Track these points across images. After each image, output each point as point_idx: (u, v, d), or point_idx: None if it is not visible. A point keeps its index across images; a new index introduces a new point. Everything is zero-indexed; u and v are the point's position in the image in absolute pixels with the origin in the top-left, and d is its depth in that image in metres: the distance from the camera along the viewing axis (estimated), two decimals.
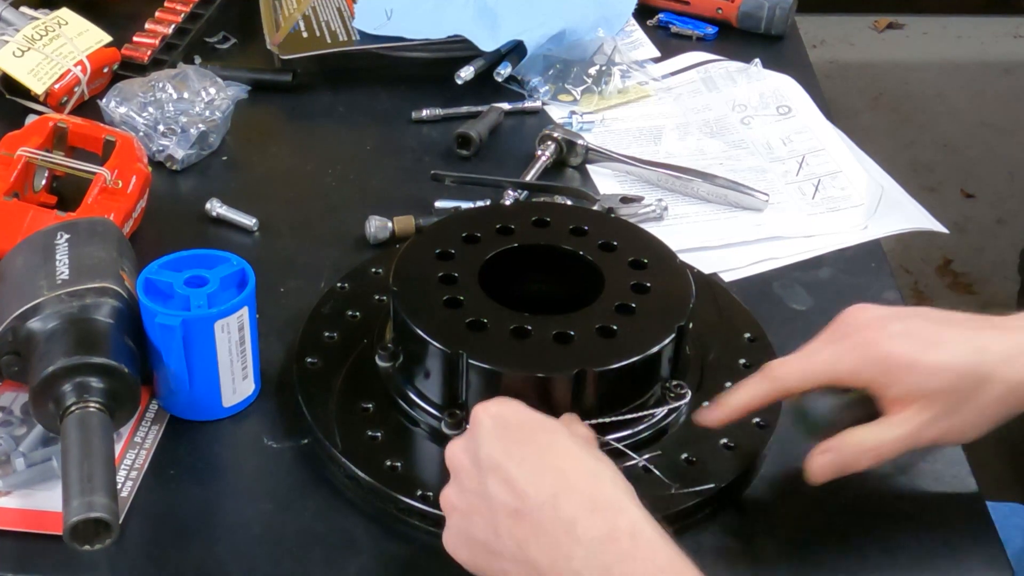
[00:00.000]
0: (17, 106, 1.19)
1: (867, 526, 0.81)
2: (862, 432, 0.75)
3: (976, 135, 2.89)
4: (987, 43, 3.28)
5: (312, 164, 1.19)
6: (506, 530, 0.67)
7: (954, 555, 0.80)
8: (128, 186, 1.03)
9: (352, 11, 1.33)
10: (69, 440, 0.77)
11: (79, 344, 0.81)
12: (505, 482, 0.67)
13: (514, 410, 0.72)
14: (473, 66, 1.26)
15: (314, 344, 0.91)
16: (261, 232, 1.08)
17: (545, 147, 1.17)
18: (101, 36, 1.24)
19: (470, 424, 0.72)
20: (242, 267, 0.86)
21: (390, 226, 1.06)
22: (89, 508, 0.72)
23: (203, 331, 0.83)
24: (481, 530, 0.69)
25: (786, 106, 1.27)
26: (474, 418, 0.71)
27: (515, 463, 0.68)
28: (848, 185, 1.16)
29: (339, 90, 1.30)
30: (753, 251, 1.07)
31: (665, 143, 1.22)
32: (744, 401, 0.79)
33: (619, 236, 0.91)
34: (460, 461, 0.71)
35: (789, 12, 1.41)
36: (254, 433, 0.87)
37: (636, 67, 1.32)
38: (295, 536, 0.79)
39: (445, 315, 0.84)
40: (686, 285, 0.87)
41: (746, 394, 0.79)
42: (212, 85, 1.17)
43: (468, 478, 0.70)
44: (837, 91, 2.94)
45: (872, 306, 0.78)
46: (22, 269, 0.87)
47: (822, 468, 0.76)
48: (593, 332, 0.82)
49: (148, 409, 0.88)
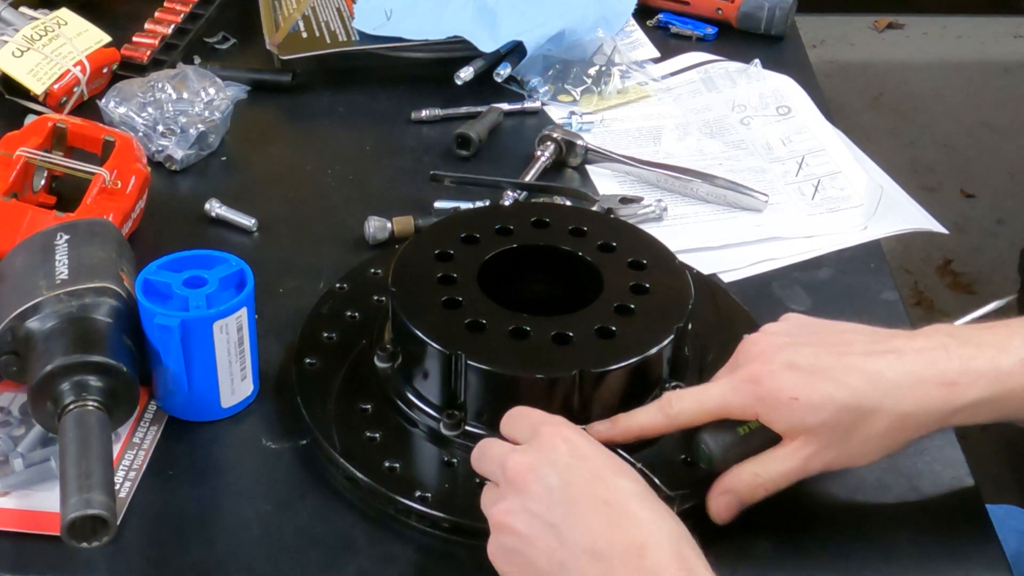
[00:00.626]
0: (16, 106, 1.19)
1: (866, 527, 0.81)
2: (752, 466, 0.77)
3: (976, 135, 2.89)
4: (987, 43, 3.28)
5: (311, 164, 1.19)
6: (578, 569, 0.67)
7: (954, 557, 0.80)
8: (127, 186, 1.03)
9: (352, 11, 1.33)
10: (67, 438, 0.77)
11: (78, 343, 0.81)
12: (587, 524, 0.67)
13: (588, 441, 0.72)
14: (473, 66, 1.26)
15: (313, 345, 0.91)
16: (260, 232, 1.08)
17: (544, 147, 1.17)
18: (100, 36, 1.24)
19: (537, 440, 0.71)
20: (241, 268, 0.86)
21: (389, 226, 1.06)
22: (87, 505, 0.72)
23: (202, 332, 0.83)
24: (546, 561, 0.68)
25: (786, 106, 1.27)
26: (545, 437, 0.71)
27: (596, 504, 0.68)
28: (848, 185, 1.16)
29: (339, 90, 1.30)
30: (752, 252, 1.07)
31: (665, 143, 1.21)
32: (637, 429, 0.80)
33: (618, 237, 0.91)
34: (527, 481, 0.70)
35: (789, 12, 1.41)
36: (253, 434, 0.87)
37: (636, 67, 1.32)
38: (294, 537, 0.79)
39: (444, 316, 0.83)
40: (685, 286, 0.87)
41: (640, 422, 0.80)
42: (211, 85, 1.17)
43: (537, 502, 0.69)
44: (837, 91, 2.94)
45: (769, 334, 0.79)
46: (21, 269, 0.87)
47: (725, 508, 0.78)
48: (592, 333, 0.82)
49: (147, 410, 0.88)
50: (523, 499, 0.70)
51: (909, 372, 0.75)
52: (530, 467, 0.70)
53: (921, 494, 0.84)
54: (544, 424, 0.73)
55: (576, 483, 0.69)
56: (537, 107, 1.26)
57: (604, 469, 0.71)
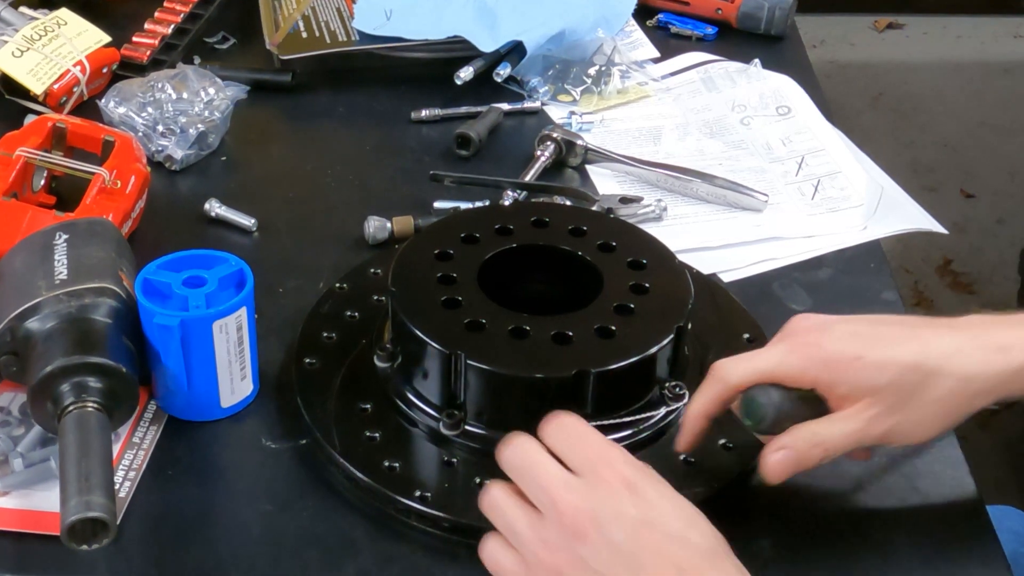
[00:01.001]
0: (16, 106, 1.19)
1: (866, 527, 0.81)
2: (813, 426, 0.75)
3: (976, 135, 2.89)
4: (987, 43, 3.28)
5: (311, 164, 1.19)
6: None
7: (953, 557, 0.80)
8: (127, 186, 1.03)
9: (352, 11, 1.33)
10: (67, 440, 0.77)
11: (77, 344, 0.81)
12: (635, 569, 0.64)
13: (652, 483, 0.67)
14: (473, 66, 1.26)
15: (313, 344, 0.91)
16: (260, 232, 1.08)
17: (544, 147, 1.17)
18: (100, 36, 1.24)
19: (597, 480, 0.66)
20: (240, 267, 0.86)
21: (389, 226, 1.06)
22: (87, 507, 0.72)
23: (201, 331, 0.83)
24: None
25: (786, 106, 1.27)
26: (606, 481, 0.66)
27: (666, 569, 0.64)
28: (848, 185, 1.16)
29: (339, 90, 1.30)
30: (752, 251, 1.07)
31: (665, 143, 1.21)
32: (698, 408, 0.78)
33: (618, 236, 0.91)
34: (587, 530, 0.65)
35: (789, 12, 1.41)
36: (252, 434, 0.87)
37: (636, 67, 1.32)
38: (293, 536, 0.79)
39: (444, 315, 0.83)
40: (685, 285, 0.87)
41: (698, 401, 0.78)
42: (211, 85, 1.17)
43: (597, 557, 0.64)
44: (837, 91, 2.94)
45: (816, 314, 0.79)
46: (21, 269, 0.87)
47: (778, 465, 0.75)
48: (592, 333, 0.82)
49: (146, 409, 0.88)
50: (580, 549, 0.65)
51: (966, 338, 0.76)
52: (591, 517, 0.65)
53: (921, 494, 0.84)
54: (603, 464, 0.67)
55: (645, 546, 0.64)
56: (537, 107, 1.26)
57: (674, 524, 0.66)
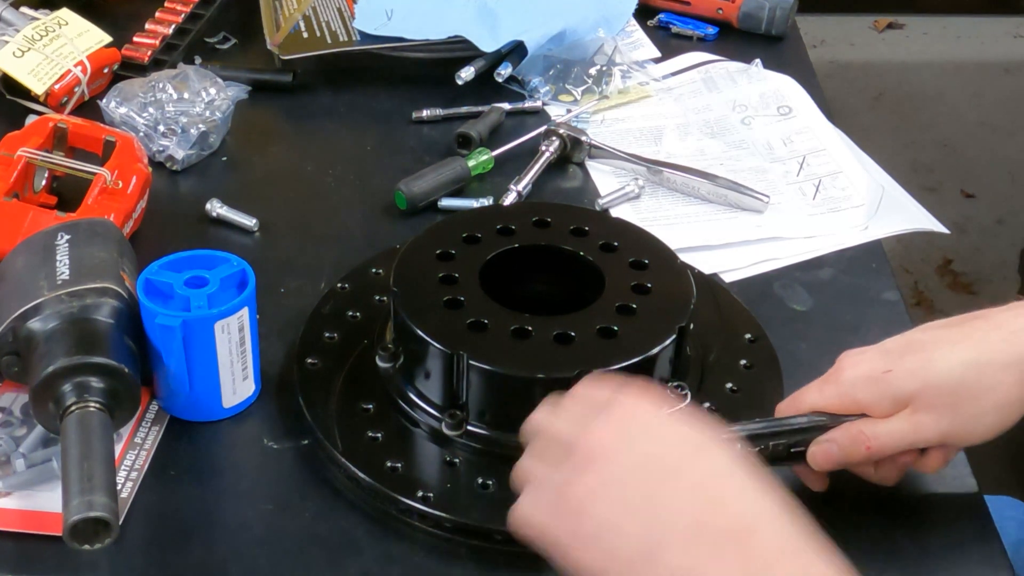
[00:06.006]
0: (17, 106, 1.19)
1: (867, 524, 0.81)
2: (860, 424, 0.76)
3: (976, 135, 2.89)
4: (987, 43, 3.28)
5: (312, 164, 1.19)
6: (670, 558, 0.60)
7: (954, 554, 0.80)
8: (128, 186, 1.03)
9: (352, 11, 1.33)
10: (69, 440, 0.77)
11: (79, 344, 0.81)
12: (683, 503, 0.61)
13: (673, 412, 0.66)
14: (473, 66, 1.26)
15: (314, 345, 0.91)
16: (261, 232, 1.08)
17: (549, 143, 1.17)
18: (101, 36, 1.24)
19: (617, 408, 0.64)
20: (242, 267, 0.86)
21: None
22: (89, 507, 0.72)
23: (203, 332, 0.83)
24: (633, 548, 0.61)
25: (786, 106, 1.27)
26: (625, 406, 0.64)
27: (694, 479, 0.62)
28: (848, 185, 1.16)
29: (339, 90, 1.30)
30: (754, 251, 1.07)
31: (665, 143, 1.21)
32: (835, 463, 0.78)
33: (620, 236, 0.91)
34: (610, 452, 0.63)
35: (790, 12, 1.41)
36: (254, 434, 0.87)
37: (636, 67, 1.32)
38: (295, 537, 0.79)
39: (445, 316, 0.83)
40: (687, 286, 0.87)
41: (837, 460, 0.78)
42: (212, 85, 1.17)
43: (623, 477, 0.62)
44: (837, 91, 2.94)
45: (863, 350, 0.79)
46: (22, 269, 0.87)
47: (823, 453, 0.77)
48: (594, 333, 0.82)
49: (148, 410, 0.88)
50: (604, 474, 0.62)
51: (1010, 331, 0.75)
52: (616, 435, 0.63)
53: (921, 491, 0.84)
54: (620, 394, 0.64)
55: (671, 453, 0.61)
56: (538, 107, 1.26)
57: (700, 437, 0.63)
